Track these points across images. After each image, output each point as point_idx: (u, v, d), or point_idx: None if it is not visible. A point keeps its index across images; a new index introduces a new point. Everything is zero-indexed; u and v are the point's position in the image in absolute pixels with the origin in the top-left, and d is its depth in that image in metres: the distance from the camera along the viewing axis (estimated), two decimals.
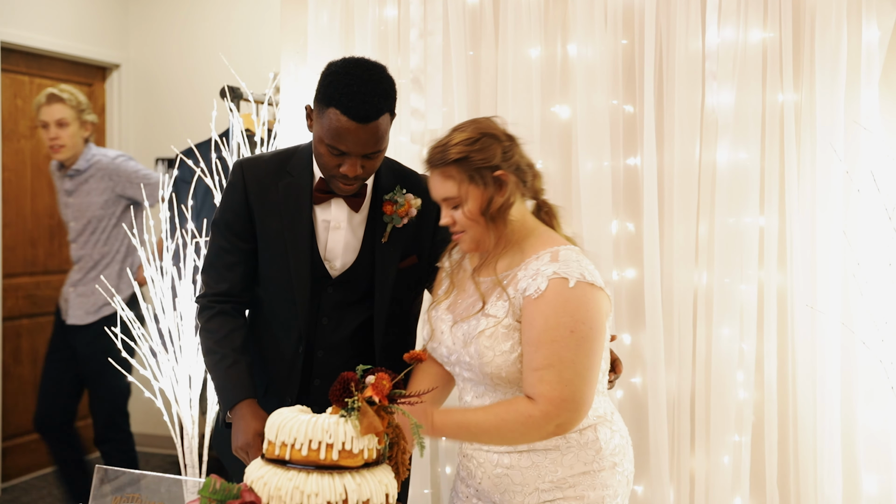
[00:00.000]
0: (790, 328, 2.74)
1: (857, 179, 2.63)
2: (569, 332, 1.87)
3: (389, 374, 1.89)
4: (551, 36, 2.90)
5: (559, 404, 1.87)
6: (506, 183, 1.98)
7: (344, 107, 2.02)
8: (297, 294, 2.20)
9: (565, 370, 1.87)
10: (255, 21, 5.17)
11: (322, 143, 2.08)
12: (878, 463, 2.66)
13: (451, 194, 1.99)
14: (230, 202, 2.24)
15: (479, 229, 2.00)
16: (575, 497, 1.97)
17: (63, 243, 5.25)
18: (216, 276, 2.26)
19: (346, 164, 2.08)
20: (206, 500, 1.72)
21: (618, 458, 2.01)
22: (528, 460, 2.00)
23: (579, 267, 1.92)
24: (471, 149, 1.96)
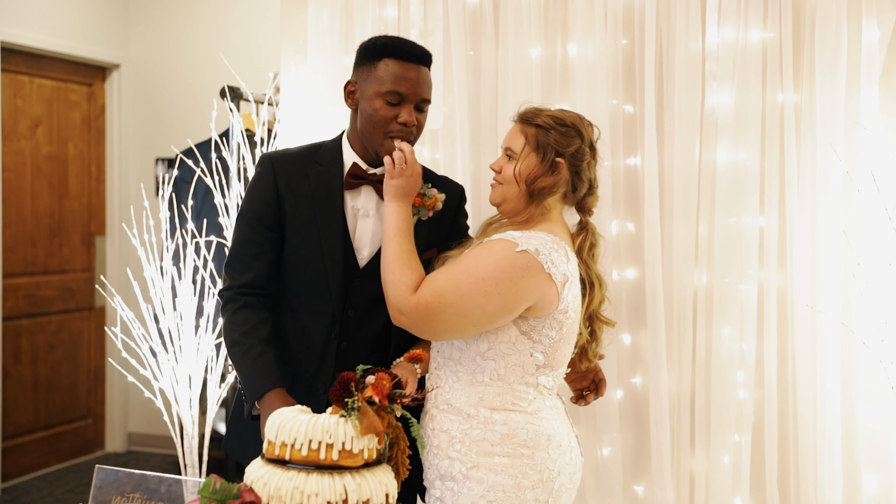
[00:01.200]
0: (790, 328, 2.74)
1: (857, 179, 2.63)
2: (480, 277, 1.98)
3: (389, 374, 1.89)
4: (551, 36, 2.90)
5: (421, 309, 1.99)
6: (559, 171, 2.10)
7: (398, 51, 2.17)
8: (331, 279, 2.22)
9: (451, 294, 1.98)
10: (255, 21, 5.18)
11: (377, 98, 2.16)
12: (878, 463, 2.66)
13: (514, 147, 2.15)
14: (259, 192, 2.26)
15: (513, 191, 2.13)
16: (476, 479, 2.01)
17: (63, 243, 5.26)
18: (241, 266, 2.25)
19: (403, 113, 2.17)
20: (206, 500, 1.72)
21: (527, 451, 2.02)
22: (446, 423, 2.07)
23: (538, 244, 2.01)
24: (556, 126, 2.12)
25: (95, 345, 5.45)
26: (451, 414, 2.07)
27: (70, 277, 5.31)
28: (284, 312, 2.30)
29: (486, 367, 2.05)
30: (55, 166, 5.19)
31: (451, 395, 2.08)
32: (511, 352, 2.04)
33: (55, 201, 5.20)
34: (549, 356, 2.07)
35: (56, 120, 5.20)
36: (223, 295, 2.28)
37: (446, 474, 2.05)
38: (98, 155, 5.48)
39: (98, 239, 5.48)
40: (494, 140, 2.94)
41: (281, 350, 2.27)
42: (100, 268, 5.45)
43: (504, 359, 2.04)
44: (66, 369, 5.28)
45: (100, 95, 5.50)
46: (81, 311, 5.39)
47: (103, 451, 5.52)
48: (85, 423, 5.44)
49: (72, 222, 5.31)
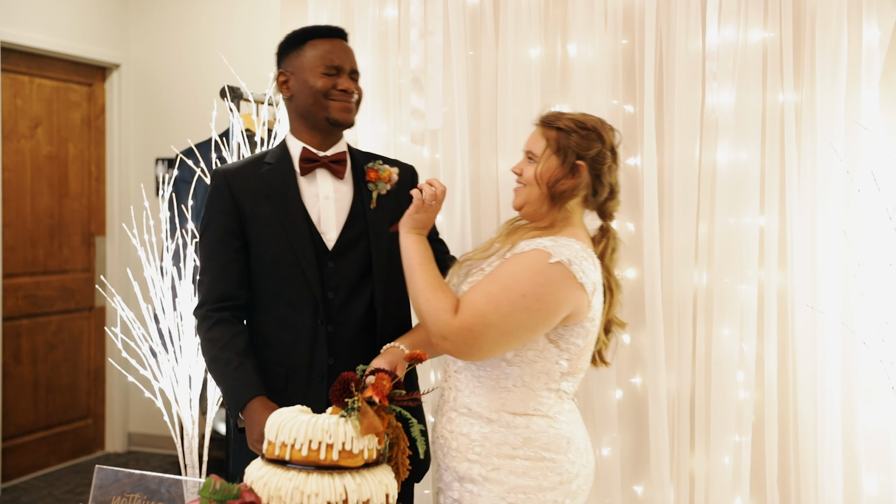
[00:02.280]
0: (790, 328, 2.74)
1: (858, 179, 2.63)
2: (520, 294, 1.97)
3: (389, 375, 1.89)
4: (551, 36, 2.90)
5: (465, 333, 1.97)
6: (579, 174, 2.11)
7: (319, 32, 2.33)
8: (305, 265, 2.24)
9: (492, 315, 1.96)
10: (255, 21, 5.18)
11: (314, 75, 2.28)
12: (878, 463, 2.66)
13: (535, 150, 2.16)
14: (217, 204, 2.29)
15: (535, 193, 2.14)
16: (497, 481, 2.02)
17: (63, 243, 5.26)
18: (211, 282, 2.28)
19: (341, 81, 2.29)
20: (206, 500, 1.72)
21: (548, 454, 2.04)
22: (466, 426, 2.07)
23: (570, 253, 2.01)
24: (577, 129, 2.13)
25: (95, 345, 5.45)
26: (470, 418, 2.08)
27: (70, 277, 5.31)
28: (264, 314, 2.31)
29: (511, 373, 2.05)
30: (55, 166, 5.19)
31: (472, 399, 2.08)
32: (537, 359, 2.04)
33: (55, 201, 5.20)
34: (573, 363, 2.08)
35: (56, 120, 5.20)
36: (197, 314, 2.30)
37: (465, 476, 2.06)
38: (98, 155, 5.48)
39: (98, 239, 5.48)
40: (494, 140, 2.94)
41: (266, 353, 2.27)
42: (100, 268, 5.45)
43: (530, 365, 2.05)
44: (66, 369, 5.28)
45: (100, 95, 5.49)
46: (81, 311, 5.39)
47: (103, 452, 5.52)
48: (85, 424, 5.44)
49: (72, 222, 5.31)
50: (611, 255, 2.19)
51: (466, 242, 2.93)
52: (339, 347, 2.26)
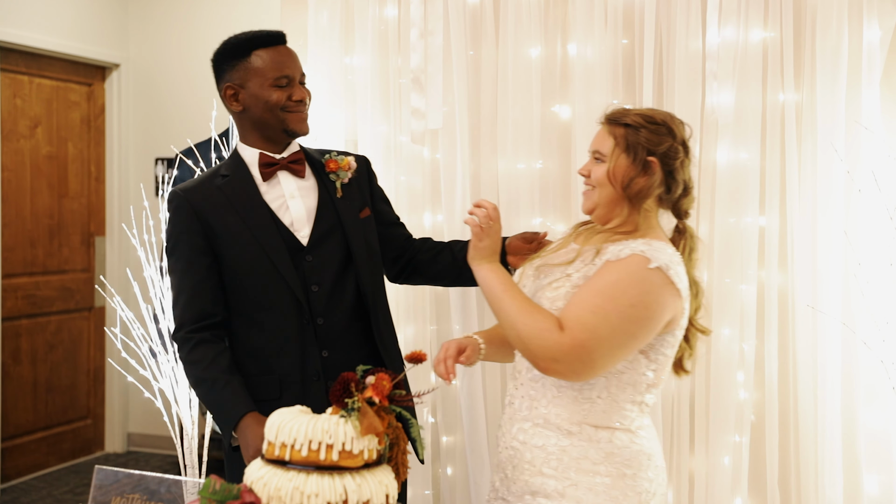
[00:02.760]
0: (791, 328, 2.74)
1: (858, 179, 2.63)
2: (628, 304, 1.87)
3: (389, 375, 1.89)
4: (551, 36, 2.90)
5: (577, 350, 1.85)
6: (652, 171, 2.00)
7: (262, 40, 2.25)
8: (280, 265, 2.22)
9: (603, 328, 1.85)
10: (255, 21, 5.13)
11: (265, 88, 2.22)
12: (878, 463, 2.66)
13: (603, 150, 2.04)
14: (181, 224, 2.26)
15: (606, 195, 2.03)
16: (574, 498, 1.93)
17: (63, 243, 5.26)
18: (187, 303, 2.24)
19: (294, 90, 2.25)
20: (206, 500, 1.72)
21: (629, 471, 1.94)
22: (541, 438, 1.97)
23: (668, 259, 1.92)
24: (646, 125, 2.02)
25: (95, 345, 5.45)
26: (547, 430, 1.97)
27: (70, 277, 5.31)
28: (247, 325, 2.28)
29: (597, 383, 1.94)
30: (55, 166, 5.19)
31: (550, 410, 1.98)
32: (625, 369, 1.95)
33: (55, 201, 5.20)
34: (659, 374, 1.99)
35: (56, 120, 5.20)
36: (176, 338, 2.27)
37: (539, 491, 1.96)
38: (98, 155, 5.48)
39: (98, 239, 5.48)
40: (494, 140, 2.94)
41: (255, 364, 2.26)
42: (99, 268, 5.45)
43: (617, 376, 1.94)
44: (65, 369, 5.28)
45: (99, 95, 5.49)
46: (81, 311, 5.39)
47: (103, 452, 5.52)
48: (85, 424, 5.44)
49: (71, 222, 5.31)
50: (689, 255, 2.08)
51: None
52: (332, 338, 2.25)
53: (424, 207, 3.02)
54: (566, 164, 2.91)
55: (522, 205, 2.90)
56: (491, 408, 2.96)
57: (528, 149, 2.90)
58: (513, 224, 2.92)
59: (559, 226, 2.92)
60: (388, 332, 2.39)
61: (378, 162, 3.01)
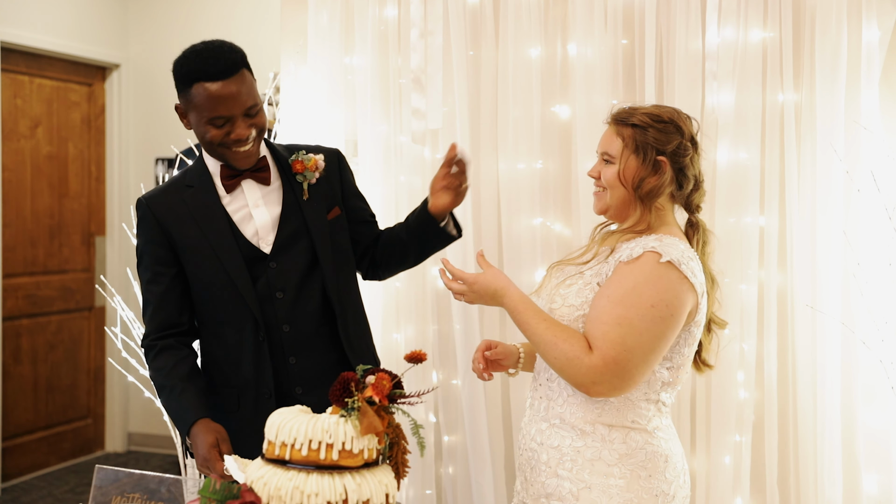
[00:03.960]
0: (790, 328, 2.74)
1: (858, 179, 2.63)
2: (649, 306, 1.85)
3: (389, 374, 1.89)
4: (551, 36, 2.90)
5: (612, 367, 1.84)
6: (663, 170, 1.99)
7: (203, 73, 2.07)
8: (237, 280, 2.20)
9: (630, 338, 1.84)
10: (255, 21, 5.18)
11: (204, 123, 2.11)
12: (878, 463, 2.66)
13: (612, 152, 2.02)
14: (146, 235, 2.24)
15: (618, 196, 2.02)
16: (588, 501, 1.90)
17: (63, 243, 5.26)
18: (152, 311, 2.24)
19: (234, 129, 2.11)
20: (206, 500, 1.72)
21: (644, 472, 1.92)
22: (557, 439, 1.96)
23: (679, 254, 1.91)
24: (653, 124, 2.00)
25: (95, 345, 5.45)
26: (563, 430, 1.96)
27: (70, 277, 5.31)
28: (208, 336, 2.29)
29: None
30: (55, 166, 5.19)
31: (566, 409, 1.96)
32: None
33: (55, 201, 5.20)
34: (675, 372, 1.96)
35: (56, 120, 5.20)
36: (143, 345, 2.27)
37: (553, 493, 1.94)
38: (98, 155, 5.48)
39: (98, 239, 5.48)
40: (494, 140, 2.94)
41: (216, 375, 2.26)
42: (100, 268, 5.45)
43: None
44: (66, 369, 5.28)
45: (100, 95, 5.49)
46: (81, 311, 5.39)
47: (103, 451, 5.52)
48: (85, 423, 5.44)
49: (72, 222, 5.31)
50: (703, 248, 2.07)
51: (467, 242, 2.93)
52: (300, 345, 2.23)
53: None
54: (566, 164, 2.91)
55: (523, 205, 2.91)
56: (492, 407, 2.97)
57: (528, 149, 2.90)
58: (513, 224, 2.93)
59: (558, 225, 2.92)
60: (359, 335, 2.35)
61: (378, 162, 3.02)
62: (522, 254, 2.92)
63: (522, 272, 2.91)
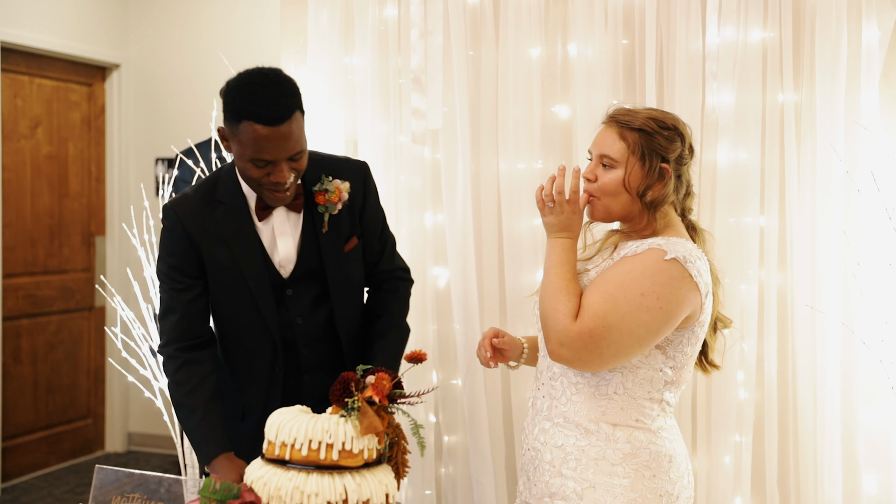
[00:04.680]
0: (790, 328, 2.74)
1: (858, 179, 2.63)
2: (639, 293, 1.84)
3: (389, 374, 1.89)
4: (552, 36, 2.90)
5: (584, 337, 1.83)
6: (667, 178, 1.96)
7: (255, 115, 2.00)
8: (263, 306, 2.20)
9: (612, 315, 1.83)
10: (255, 21, 5.17)
11: (244, 160, 2.06)
12: (878, 463, 2.66)
13: (614, 156, 1.97)
14: (173, 247, 2.20)
15: (620, 202, 1.98)
16: (592, 500, 1.90)
17: (63, 243, 5.26)
18: (177, 317, 2.20)
19: (274, 173, 2.06)
20: (206, 500, 1.72)
21: (648, 472, 1.91)
22: (561, 438, 1.95)
23: (685, 251, 1.89)
24: (659, 130, 1.96)
25: (95, 345, 5.45)
26: (566, 429, 1.95)
27: (70, 277, 5.31)
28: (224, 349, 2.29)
29: (613, 379, 1.91)
30: (55, 166, 5.19)
31: (569, 407, 1.95)
32: (641, 365, 1.91)
33: (55, 201, 5.20)
34: (678, 372, 1.95)
35: (56, 120, 5.20)
36: (163, 353, 2.23)
37: (557, 493, 1.93)
38: (98, 155, 5.48)
39: (98, 239, 5.48)
40: (495, 140, 2.94)
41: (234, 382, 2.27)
42: (100, 268, 5.45)
43: (633, 372, 1.91)
44: (66, 369, 5.28)
45: (100, 95, 5.49)
46: (81, 311, 5.39)
47: (103, 451, 5.52)
48: (85, 423, 5.44)
49: (72, 222, 5.31)
50: (703, 248, 2.05)
51: (467, 242, 2.93)
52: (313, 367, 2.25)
53: (425, 207, 3.02)
54: (567, 164, 2.91)
55: (523, 205, 2.91)
56: (493, 407, 2.97)
57: (528, 149, 2.90)
58: (514, 224, 2.93)
59: None
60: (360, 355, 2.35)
61: (378, 162, 3.01)
62: (523, 254, 2.92)
63: (522, 272, 2.91)
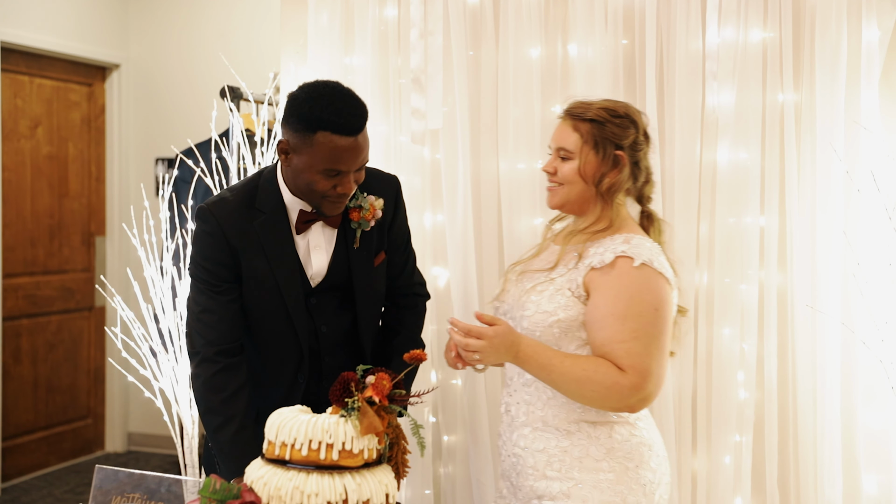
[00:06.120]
0: (790, 328, 2.74)
1: (858, 179, 2.63)
2: (653, 310, 1.91)
3: (389, 374, 1.89)
4: (552, 36, 2.90)
5: (647, 377, 1.88)
6: (622, 165, 2.02)
7: (335, 125, 2.01)
8: (295, 316, 2.21)
9: (651, 346, 1.89)
10: (255, 21, 5.17)
11: (313, 171, 2.05)
12: (878, 463, 2.66)
13: (569, 147, 2.04)
14: (211, 249, 2.18)
15: (576, 191, 2.04)
16: (580, 498, 1.93)
17: (63, 243, 5.26)
18: (216, 318, 2.17)
19: (341, 184, 2.07)
20: (206, 500, 1.72)
21: (631, 464, 1.96)
22: (542, 442, 1.98)
23: (649, 253, 1.95)
24: (610, 118, 2.02)
25: (95, 345, 5.45)
26: (547, 432, 1.99)
27: (70, 277, 5.31)
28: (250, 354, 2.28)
29: None
30: (55, 166, 5.19)
31: (547, 412, 2.00)
32: None
33: (55, 201, 5.20)
34: None
35: (56, 120, 5.20)
36: (198, 354, 2.18)
37: (544, 494, 1.97)
38: (98, 155, 5.48)
39: (98, 239, 5.48)
40: (494, 140, 2.94)
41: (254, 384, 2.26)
42: (100, 268, 5.45)
43: None
44: (66, 369, 5.28)
45: (100, 95, 5.49)
46: (81, 311, 5.39)
47: (103, 451, 5.52)
48: (85, 423, 5.44)
49: (72, 222, 5.31)
50: (660, 238, 2.11)
51: (468, 242, 2.93)
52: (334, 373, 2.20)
53: (425, 207, 3.02)
54: None
55: (523, 205, 2.91)
56: (493, 407, 2.96)
57: (528, 149, 2.90)
58: (514, 224, 2.92)
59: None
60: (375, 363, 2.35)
61: (378, 162, 3.01)
62: None
63: None
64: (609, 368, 1.89)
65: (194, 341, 2.21)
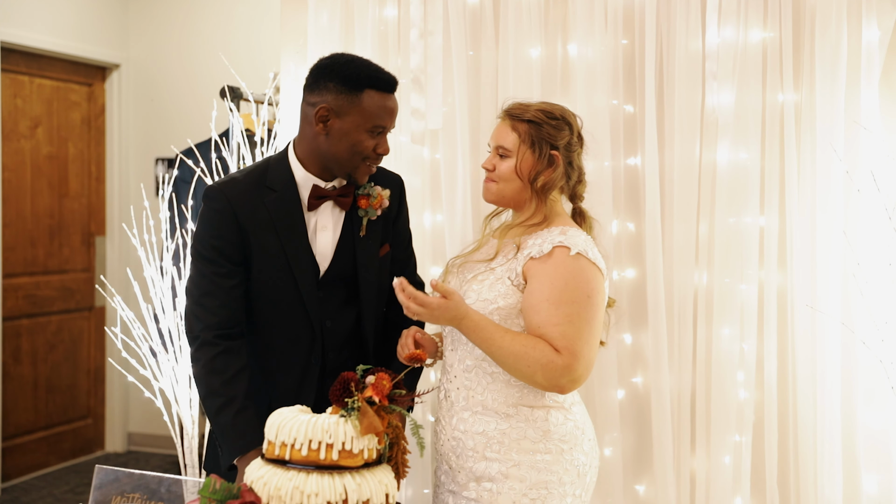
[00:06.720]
0: (790, 328, 2.74)
1: (858, 179, 2.63)
2: (586, 297, 2.02)
3: (389, 374, 1.89)
4: (551, 36, 2.90)
5: (578, 359, 1.98)
6: (557, 164, 2.14)
7: (380, 82, 2.13)
8: (307, 299, 2.20)
9: (584, 330, 2.00)
10: (255, 21, 5.18)
11: (361, 130, 2.13)
12: (878, 463, 2.66)
13: (507, 146, 2.17)
14: (219, 227, 2.17)
15: (511, 187, 2.16)
16: (518, 478, 2.03)
17: (63, 243, 5.26)
18: (219, 302, 2.16)
19: (382, 143, 2.17)
20: (206, 500, 1.72)
21: (566, 446, 2.06)
22: (481, 424, 2.07)
23: (584, 244, 2.06)
24: (547, 120, 2.15)
25: (95, 345, 5.45)
26: (486, 416, 2.07)
27: (70, 277, 5.31)
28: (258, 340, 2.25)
29: None
30: (55, 166, 5.19)
31: (486, 396, 2.08)
32: None
33: (55, 201, 5.20)
34: None
35: (56, 120, 5.20)
36: (198, 338, 2.16)
37: (483, 475, 2.06)
38: (98, 155, 5.48)
39: (98, 239, 5.48)
40: None
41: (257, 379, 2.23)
42: (100, 268, 5.45)
43: None
44: (66, 369, 5.28)
45: (100, 95, 5.49)
46: (81, 311, 5.39)
47: (103, 451, 5.52)
48: (85, 423, 5.44)
49: (72, 222, 5.31)
50: (590, 232, 2.23)
51: (467, 242, 2.93)
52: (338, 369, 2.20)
53: (424, 207, 3.02)
54: None
55: None
56: None
57: None
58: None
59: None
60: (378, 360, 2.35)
61: None
62: None
63: None
64: (546, 347, 1.98)
65: (193, 325, 2.19)
